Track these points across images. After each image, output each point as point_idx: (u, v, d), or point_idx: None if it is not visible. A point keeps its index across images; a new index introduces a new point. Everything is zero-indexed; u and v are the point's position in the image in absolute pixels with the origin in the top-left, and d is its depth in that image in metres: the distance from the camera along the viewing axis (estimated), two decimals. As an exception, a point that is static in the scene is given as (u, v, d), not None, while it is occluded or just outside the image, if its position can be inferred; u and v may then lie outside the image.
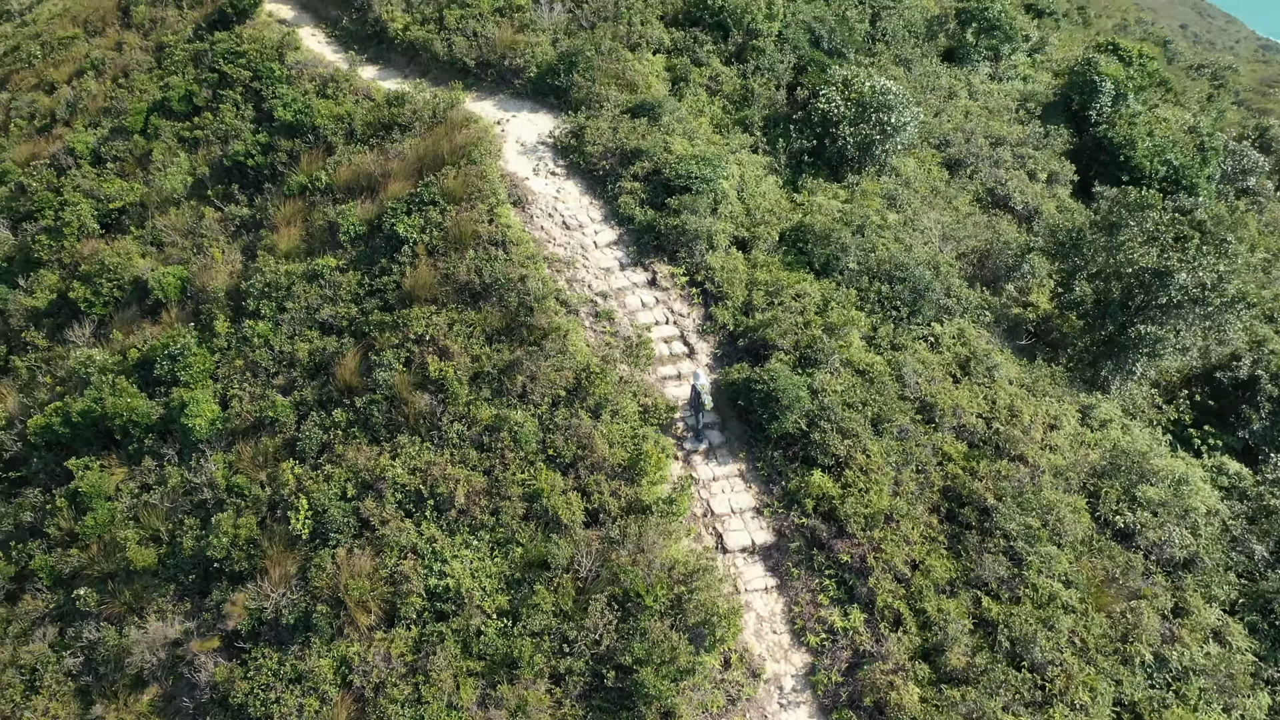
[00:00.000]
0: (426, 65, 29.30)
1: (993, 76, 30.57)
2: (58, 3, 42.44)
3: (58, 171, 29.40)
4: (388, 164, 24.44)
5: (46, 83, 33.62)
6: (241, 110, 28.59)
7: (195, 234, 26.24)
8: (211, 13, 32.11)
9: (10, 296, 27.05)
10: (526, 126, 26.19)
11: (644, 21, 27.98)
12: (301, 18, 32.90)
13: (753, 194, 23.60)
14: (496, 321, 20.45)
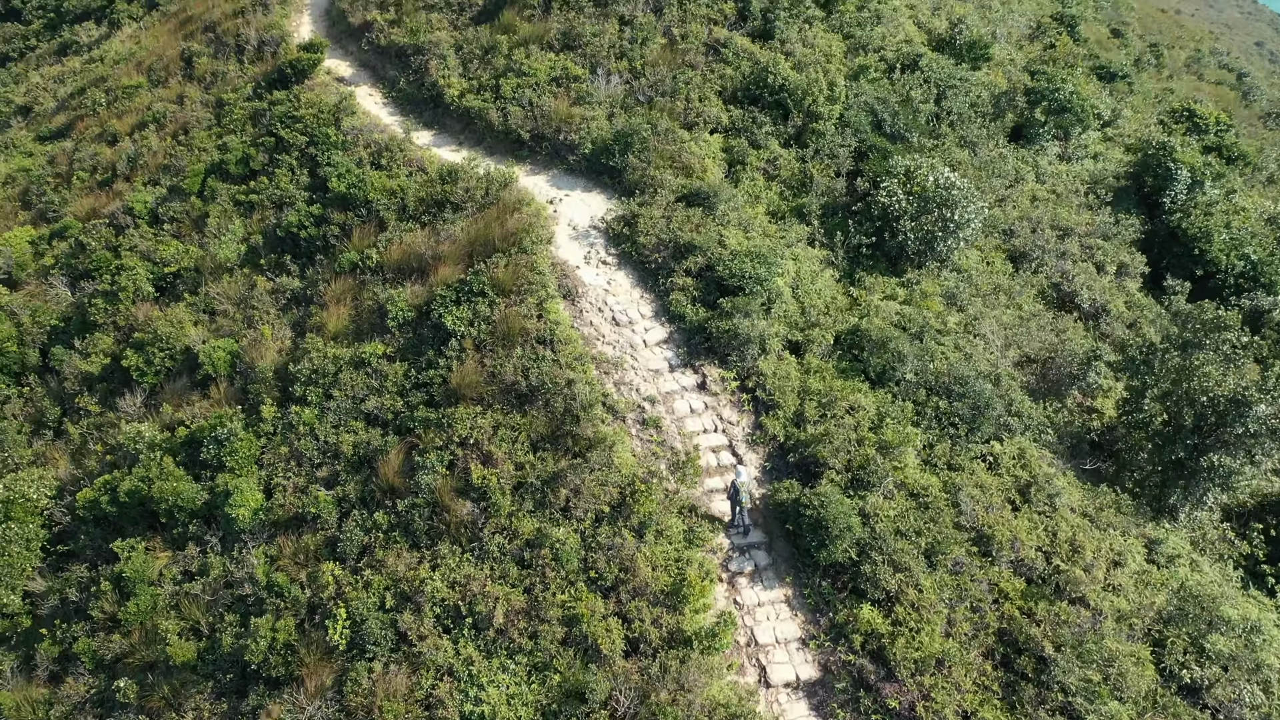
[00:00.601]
0: (481, 134, 29.12)
1: (1062, 156, 29.55)
2: (125, 42, 43.21)
3: (116, 230, 29.74)
4: (439, 246, 24.25)
5: (109, 133, 34.08)
6: (297, 175, 28.66)
7: (247, 304, 26.31)
8: (271, 71, 32.30)
9: (66, 358, 27.37)
10: (579, 207, 25.84)
11: (702, 98, 27.48)
12: (360, 75, 32.96)
13: (808, 290, 22.99)
14: (542, 427, 20.09)
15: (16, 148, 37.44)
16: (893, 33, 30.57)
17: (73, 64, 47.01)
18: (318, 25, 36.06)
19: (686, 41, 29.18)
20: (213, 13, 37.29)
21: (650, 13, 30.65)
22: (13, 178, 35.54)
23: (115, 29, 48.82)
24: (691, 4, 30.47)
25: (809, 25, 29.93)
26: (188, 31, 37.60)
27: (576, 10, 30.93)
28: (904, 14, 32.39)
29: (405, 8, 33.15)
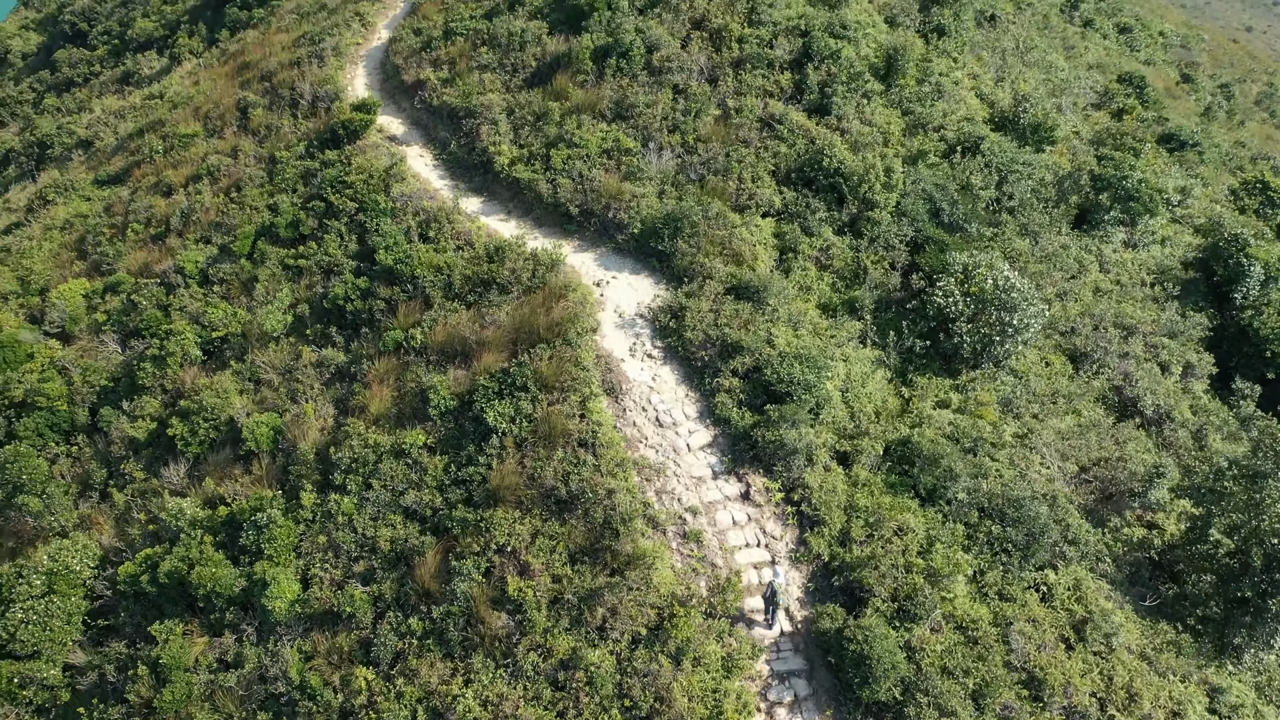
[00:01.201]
0: (530, 204, 28.85)
1: (1127, 243, 28.50)
2: (184, 79, 43.73)
3: (167, 289, 29.99)
4: (483, 331, 23.99)
5: (165, 184, 34.43)
6: (345, 241, 28.62)
7: (291, 376, 26.30)
8: (324, 129, 32.36)
9: (114, 420, 27.62)
10: (626, 292, 25.44)
11: (755, 178, 26.94)
12: (411, 134, 32.90)
13: (858, 394, 22.35)
14: (581, 538, 19.73)
15: (75, 190, 38.03)
16: (953, 108, 29.75)
17: (134, 98, 47.80)
18: (372, 78, 36.12)
19: (741, 116, 28.64)
20: (269, 61, 37.53)
21: (705, 83, 30.17)
22: (70, 223, 36.11)
23: (175, 64, 49.60)
24: (747, 75, 29.91)
25: (867, 101, 29.23)
26: (244, 79, 37.89)
27: (630, 78, 30.54)
28: (966, 86, 31.53)
29: (459, 67, 33.02)
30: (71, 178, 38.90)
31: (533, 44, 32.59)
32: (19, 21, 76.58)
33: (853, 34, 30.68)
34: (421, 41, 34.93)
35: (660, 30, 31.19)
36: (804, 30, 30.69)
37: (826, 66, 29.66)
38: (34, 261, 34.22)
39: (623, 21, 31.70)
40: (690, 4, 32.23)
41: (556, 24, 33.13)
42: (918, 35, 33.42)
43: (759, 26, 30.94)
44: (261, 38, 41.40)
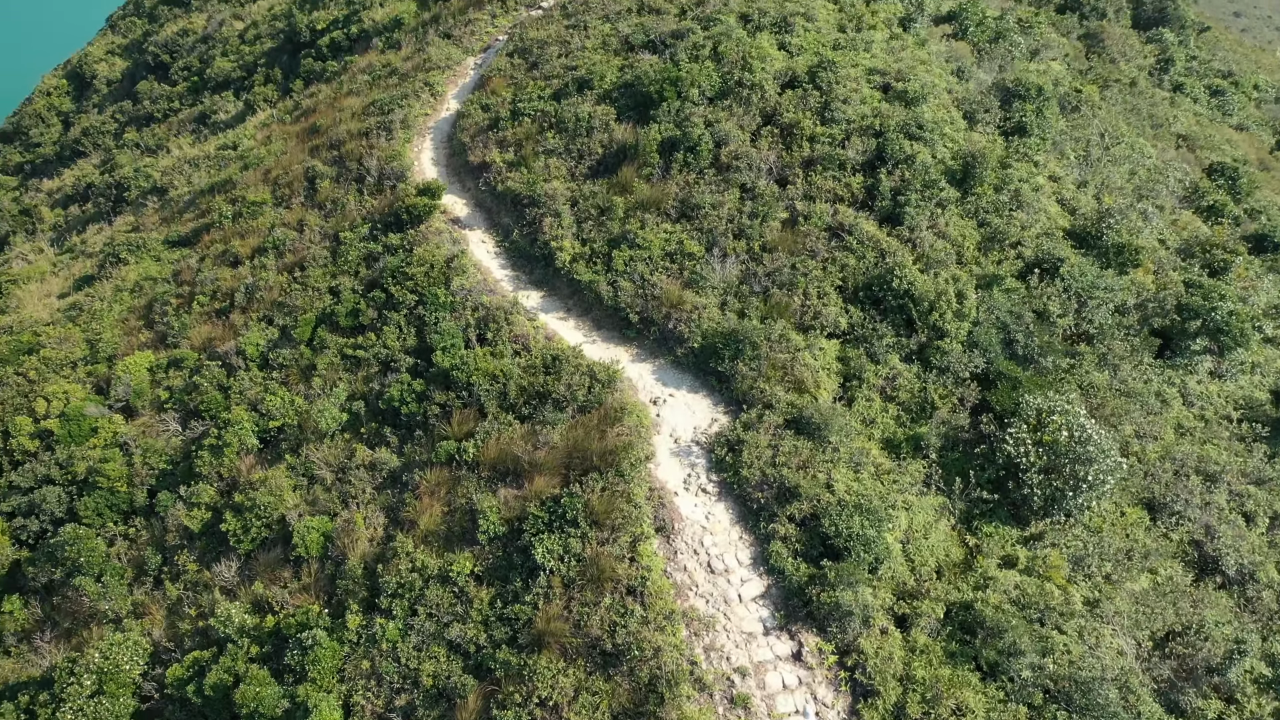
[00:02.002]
0: (590, 304, 28.45)
1: (1214, 373, 27.04)
2: (256, 132, 44.31)
3: (228, 371, 30.23)
4: (535, 452, 23.62)
5: (232, 254, 34.80)
6: (404, 334, 28.53)
7: (344, 476, 26.26)
8: (388, 209, 32.38)
9: (170, 506, 27.90)
10: (684, 413, 24.85)
11: (820, 293, 26.15)
12: (474, 217, 32.76)
13: (919, 546, 21.47)
14: (625, 698, 19.19)
15: (147, 250, 38.71)
16: (1032, 219, 28.55)
17: (208, 146, 48.66)
18: (438, 152, 36.10)
19: (809, 223, 27.87)
20: (339, 129, 37.75)
21: (773, 183, 29.45)
22: (140, 285, 36.73)
23: (250, 111, 50.37)
24: (817, 177, 29.12)
25: (941, 210, 28.21)
26: (314, 144, 38.19)
27: (696, 173, 29.97)
28: (1047, 190, 30.26)
29: (525, 150, 32.77)
30: (143, 236, 39.60)
31: (600, 130, 32.19)
32: (106, 46, 78.78)
33: (929, 134, 29.69)
34: (489, 119, 34.77)
35: (729, 124, 30.53)
36: (878, 130, 29.78)
37: (900, 171, 28.73)
38: (104, 326, 34.85)
39: (691, 113, 31.15)
40: (762, 96, 31.50)
41: (624, 110, 32.69)
42: (998, 132, 32.27)
43: (832, 125, 30.11)
44: (333, 99, 41.72)
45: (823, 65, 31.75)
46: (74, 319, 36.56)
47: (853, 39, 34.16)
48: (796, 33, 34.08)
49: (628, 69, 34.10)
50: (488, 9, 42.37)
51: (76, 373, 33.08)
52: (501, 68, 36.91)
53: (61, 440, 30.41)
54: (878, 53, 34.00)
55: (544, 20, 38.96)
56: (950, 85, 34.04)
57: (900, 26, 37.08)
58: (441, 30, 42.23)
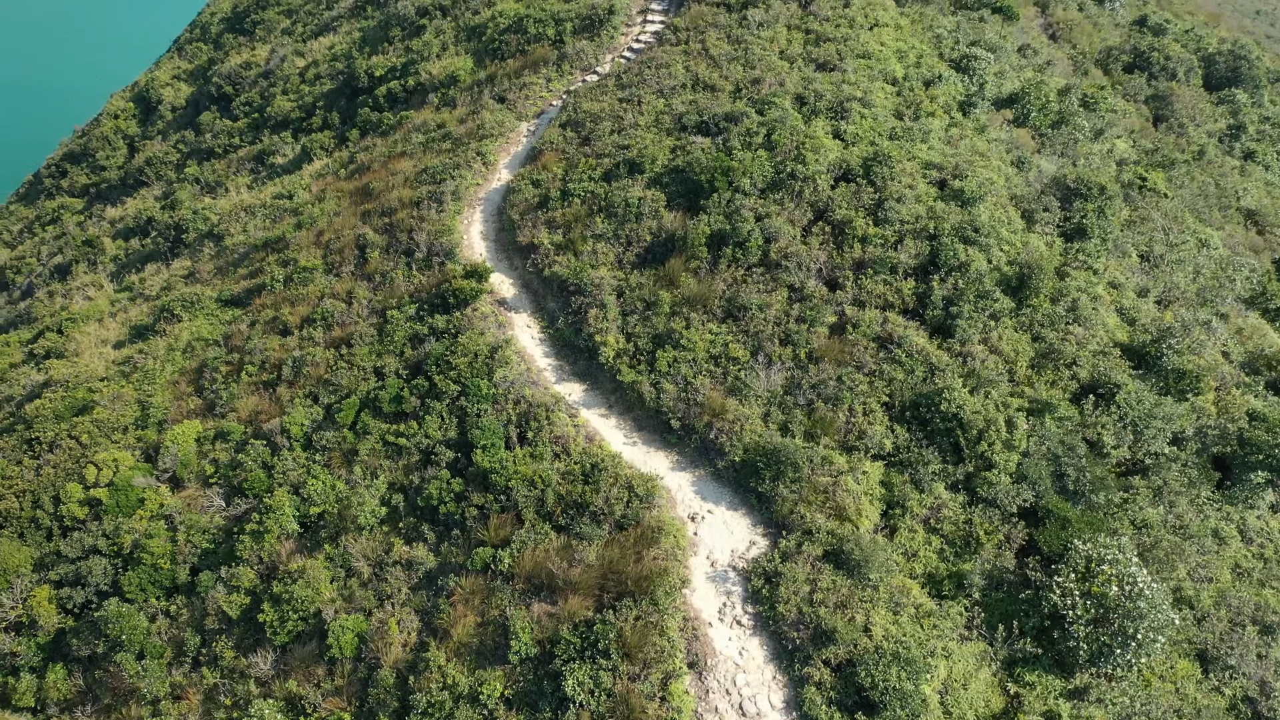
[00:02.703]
0: (632, 403, 28.26)
1: (1275, 508, 26.04)
2: (311, 188, 44.85)
3: (272, 450, 30.56)
4: (570, 570, 23.49)
5: (281, 322, 35.20)
6: (445, 425, 28.59)
7: (380, 573, 26.39)
8: (435, 288, 32.49)
9: (211, 587, 28.27)
10: (721, 532, 24.54)
11: (866, 410, 25.68)
12: (521, 299, 32.76)
13: (957, 699, 20.92)
14: None
15: (200, 307, 39.36)
16: (1090, 333, 27.72)
17: (265, 192, 49.43)
18: (488, 225, 36.18)
19: (857, 331, 27.38)
20: (391, 195, 38.04)
21: (823, 284, 29.01)
22: (192, 346, 37.34)
23: (306, 159, 51.03)
24: (868, 281, 28.63)
25: (995, 322, 27.53)
26: (365, 209, 38.53)
27: (745, 269, 29.63)
28: (1105, 300, 29.38)
29: (574, 233, 32.68)
30: (198, 291, 40.27)
31: (649, 217, 32.00)
32: (172, 70, 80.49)
33: (984, 238, 29.02)
34: (539, 195, 34.75)
35: (780, 220, 30.14)
36: (932, 233, 29.18)
37: (954, 279, 28.13)
38: (156, 388, 35.46)
39: (742, 204, 30.82)
40: (814, 189, 31.06)
41: (674, 196, 32.45)
42: (1057, 233, 31.45)
43: (885, 225, 29.57)
44: (386, 158, 42.05)
45: (878, 159, 31.21)
46: (127, 375, 37.25)
47: (909, 128, 33.53)
48: (853, 120, 33.55)
49: (679, 152, 33.86)
50: (543, 73, 42.41)
51: (127, 437, 33.69)
52: (553, 140, 36.88)
53: (109, 510, 30.99)
54: (935, 143, 33.35)
55: (598, 90, 38.86)
56: (1009, 178, 33.25)
57: (960, 111, 36.34)
58: (496, 92, 42.36)
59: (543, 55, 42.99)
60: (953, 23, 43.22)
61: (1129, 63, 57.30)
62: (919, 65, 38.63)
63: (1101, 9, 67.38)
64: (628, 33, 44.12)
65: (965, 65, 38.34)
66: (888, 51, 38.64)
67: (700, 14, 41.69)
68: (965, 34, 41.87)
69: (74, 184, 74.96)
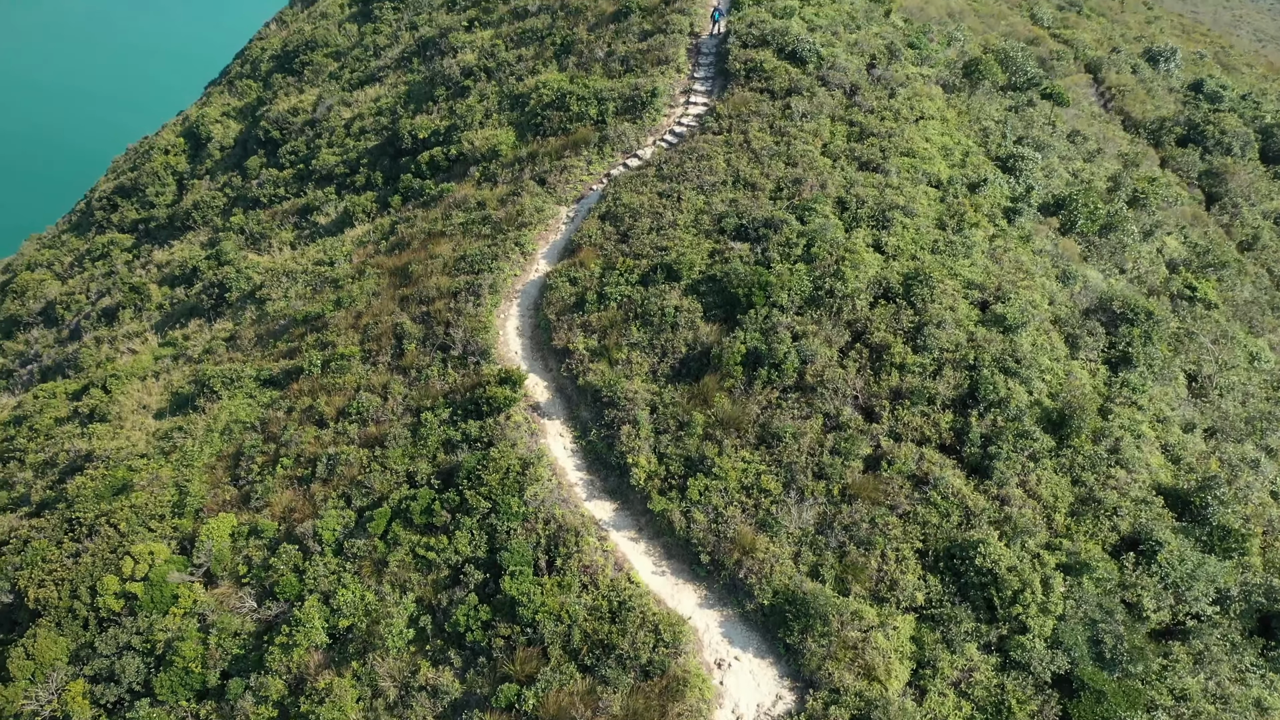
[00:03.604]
0: (662, 529, 28.10)
1: (1321, 673, 25.21)
2: (352, 258, 45.26)
3: (304, 554, 30.82)
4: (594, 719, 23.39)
5: (317, 412, 35.52)
6: (475, 541, 28.64)
7: (406, 698, 26.48)
8: (469, 391, 32.59)
9: (240, 696, 28.55)
10: (748, 683, 24.30)
11: (899, 558, 25.30)
12: (555, 405, 32.74)
13: None
14: None
15: (240, 385, 39.84)
16: (1133, 478, 27.08)
17: (306, 257, 49.98)
18: (524, 320, 36.23)
19: (892, 468, 26.99)
20: (429, 282, 38.25)
21: (858, 413, 28.64)
22: (230, 429, 37.82)
23: (349, 222, 51.55)
24: (904, 412, 28.22)
25: (1034, 463, 27.00)
26: (404, 295, 38.78)
27: (780, 393, 29.36)
28: (1149, 438, 28.69)
29: (609, 339, 32.62)
30: (237, 368, 40.75)
31: (685, 328, 31.85)
32: (221, 106, 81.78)
33: (1025, 370, 28.50)
34: (575, 294, 34.74)
35: (817, 341, 29.83)
36: (972, 363, 28.71)
37: (993, 416, 27.64)
38: (194, 473, 35.96)
39: (778, 322, 30.56)
40: (852, 307, 30.71)
41: (711, 307, 32.28)
42: (1101, 360, 30.79)
43: (923, 353, 29.14)
44: (426, 237, 42.29)
45: (919, 277, 30.78)
46: (166, 454, 37.82)
47: (952, 242, 33.04)
48: (894, 230, 33.14)
49: (718, 257, 33.68)
50: (584, 154, 42.41)
51: (163, 526, 34.16)
52: (591, 234, 36.85)
53: (144, 605, 31.44)
54: (977, 258, 32.80)
55: (638, 180, 38.77)
56: (1053, 296, 32.60)
57: (1005, 218, 35.71)
58: (536, 173, 42.44)
59: (584, 136, 42.99)
60: (1000, 112, 42.56)
61: (1182, 135, 56.07)
62: (964, 164, 38.07)
63: (1156, 71, 66.12)
64: (670, 114, 44.00)
65: (1012, 166, 37.71)
66: (932, 149, 38.13)
67: (744, 100, 41.44)
68: (1013, 127, 41.18)
69: (124, 219, 76.41)
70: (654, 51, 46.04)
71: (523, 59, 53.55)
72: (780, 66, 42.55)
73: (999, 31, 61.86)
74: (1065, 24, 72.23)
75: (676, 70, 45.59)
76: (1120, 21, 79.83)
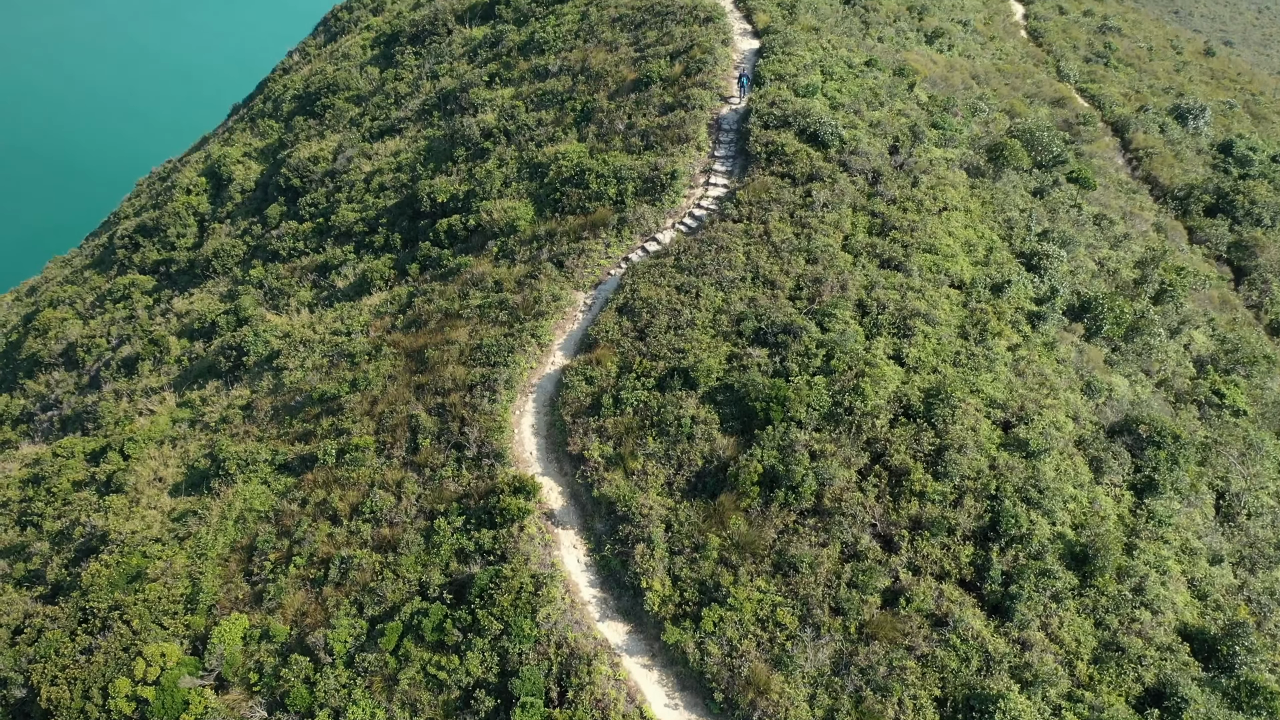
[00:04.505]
0: (676, 658, 27.72)
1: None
2: (369, 330, 45.18)
3: (315, 665, 30.64)
4: None
5: (331, 508, 35.37)
6: (487, 662, 28.39)
7: (414, 830, 26.25)
8: (481, 500, 32.35)
9: (249, 815, 28.43)
10: (759, 838, 23.88)
11: (916, 707, 24.81)
12: (569, 513, 32.44)
13: None
14: None
15: (255, 469, 39.78)
16: (1158, 620, 26.47)
17: (324, 324, 49.94)
18: (539, 418, 35.94)
19: (910, 606, 26.51)
20: (445, 371, 38.04)
21: (877, 542, 28.18)
22: (244, 518, 37.74)
23: (366, 288, 51.49)
24: (924, 543, 27.73)
25: (1056, 603, 26.44)
26: (419, 382, 38.60)
27: (798, 516, 28.93)
28: (1175, 574, 28.07)
29: (624, 447, 32.28)
30: (251, 448, 40.69)
31: (701, 440, 31.48)
32: (243, 147, 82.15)
33: (1048, 500, 27.97)
34: (591, 395, 34.44)
35: (834, 463, 29.38)
36: (993, 493, 28.18)
37: (1014, 552, 27.11)
38: (208, 564, 35.89)
39: (796, 439, 30.13)
40: (872, 425, 30.24)
41: (728, 418, 31.89)
42: (1126, 486, 30.16)
43: (944, 480, 28.65)
44: (443, 316, 42.10)
45: (940, 395, 30.28)
46: (181, 540, 37.81)
47: (974, 354, 32.50)
48: (915, 340, 32.65)
49: (735, 363, 33.30)
50: (602, 237, 42.12)
51: (176, 623, 34.10)
52: (608, 330, 36.53)
53: (155, 712, 31.35)
54: (1000, 372, 32.24)
55: (656, 269, 38.42)
56: (1077, 412, 31.98)
57: (1029, 323, 35.10)
58: (554, 254, 42.17)
59: (603, 217, 42.71)
60: (1025, 200, 41.93)
61: (1211, 204, 55.17)
62: (988, 260, 37.50)
63: (1184, 130, 65.19)
64: (690, 195, 43.65)
65: (1036, 264, 37.11)
66: (955, 244, 37.59)
67: (764, 185, 41.04)
68: (1037, 218, 40.56)
69: (145, 259, 76.78)
70: (674, 129, 45.71)
71: (542, 123, 53.37)
72: (802, 150, 42.10)
73: (1024, 92, 61.09)
74: (1092, 78, 71.34)
75: (696, 149, 45.22)
76: (1149, 71, 78.77)
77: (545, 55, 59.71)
